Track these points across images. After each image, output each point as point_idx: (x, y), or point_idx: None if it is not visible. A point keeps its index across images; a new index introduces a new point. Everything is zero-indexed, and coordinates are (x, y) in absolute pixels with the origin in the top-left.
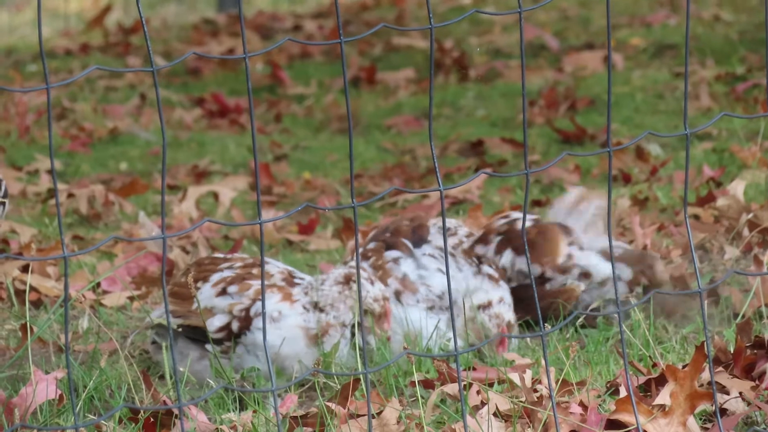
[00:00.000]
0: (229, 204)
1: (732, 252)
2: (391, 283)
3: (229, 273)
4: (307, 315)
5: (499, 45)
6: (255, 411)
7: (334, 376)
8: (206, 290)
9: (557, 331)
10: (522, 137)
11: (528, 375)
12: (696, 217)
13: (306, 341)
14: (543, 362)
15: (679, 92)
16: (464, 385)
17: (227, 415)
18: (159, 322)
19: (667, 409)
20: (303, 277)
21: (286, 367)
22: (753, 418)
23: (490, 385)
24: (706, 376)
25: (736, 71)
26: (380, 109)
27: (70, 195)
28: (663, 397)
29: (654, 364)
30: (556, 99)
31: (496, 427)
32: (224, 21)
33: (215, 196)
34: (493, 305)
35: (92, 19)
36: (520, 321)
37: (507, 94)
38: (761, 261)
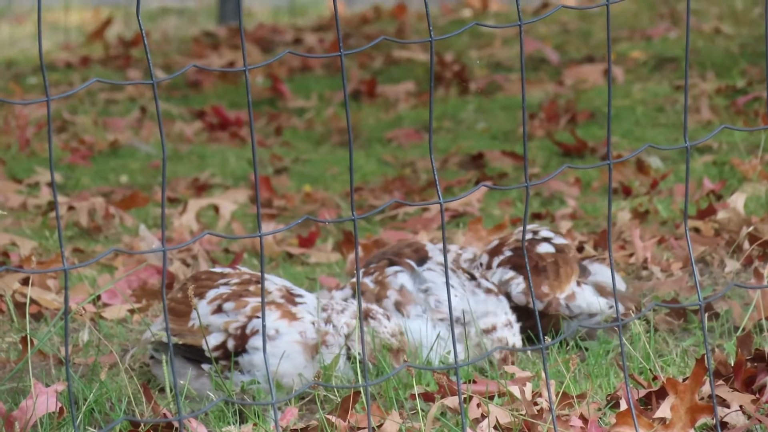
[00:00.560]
0: (230, 217)
1: (732, 265)
2: (390, 294)
3: (226, 289)
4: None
5: (499, 58)
6: (255, 424)
7: (335, 389)
8: (202, 307)
9: (557, 344)
10: (522, 150)
11: (528, 388)
12: (696, 230)
13: (304, 357)
14: (543, 375)
15: (679, 105)
16: (464, 398)
17: (227, 428)
18: (157, 338)
19: (667, 422)
20: (302, 293)
21: (284, 385)
22: None
23: (491, 398)
24: (706, 389)
25: (737, 84)
26: (381, 122)
27: (71, 208)
28: (663, 410)
29: (654, 377)
30: (556, 112)
31: None
32: (225, 34)
33: (216, 209)
34: (498, 329)
35: (93, 32)
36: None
37: (507, 107)
38: (761, 274)
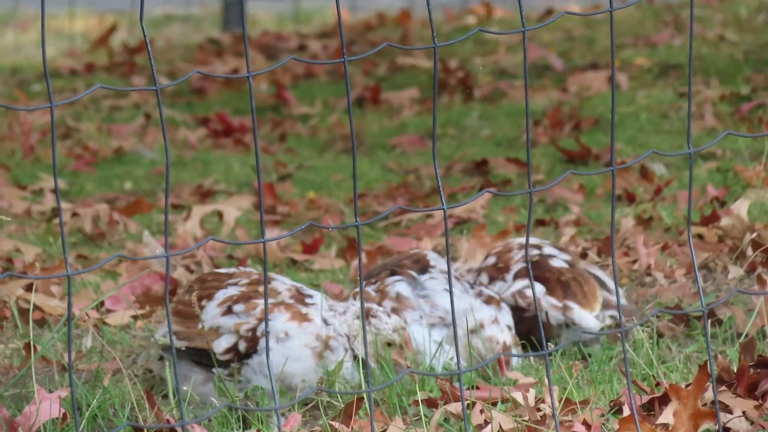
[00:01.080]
0: (234, 223)
1: (736, 271)
2: (386, 304)
3: (235, 290)
4: (320, 333)
5: (503, 65)
6: (259, 430)
7: (338, 395)
8: (211, 309)
9: (560, 350)
10: (526, 157)
11: (531, 394)
12: (700, 237)
13: (314, 360)
14: (546, 381)
15: (683, 112)
16: (467, 404)
17: None
18: (162, 343)
19: (670, 428)
20: (312, 294)
21: (294, 386)
22: None
23: (494, 404)
24: (709, 395)
25: (741, 91)
26: (384, 128)
27: (75, 214)
28: (666, 416)
29: (657, 383)
30: (560, 119)
31: None
32: (229, 41)
33: (220, 215)
34: (485, 327)
35: (97, 39)
36: (523, 341)
37: (511, 113)
38: (765, 280)
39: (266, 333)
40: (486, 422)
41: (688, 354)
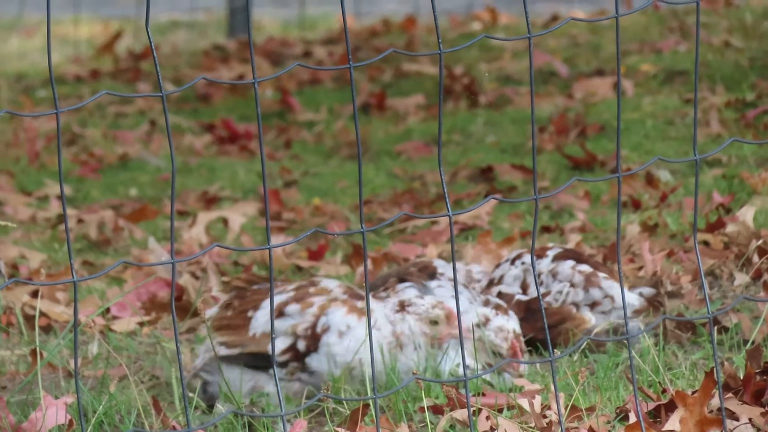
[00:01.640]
0: (239, 230)
1: (742, 278)
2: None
3: (283, 297)
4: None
5: (509, 71)
6: None
7: (344, 401)
8: (262, 316)
9: (566, 357)
10: (532, 163)
11: (537, 401)
12: (706, 244)
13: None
14: (552, 388)
15: (689, 118)
16: (474, 411)
17: None
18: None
19: None
20: (360, 292)
21: (357, 376)
22: None
23: (500, 410)
24: (715, 402)
25: (747, 98)
26: (390, 135)
27: (80, 220)
28: (672, 423)
29: (663, 390)
30: (566, 125)
31: None
32: (234, 47)
33: (225, 221)
34: (492, 319)
35: (102, 46)
36: (526, 338)
37: (517, 120)
38: None
39: (272, 339)
40: (492, 429)
41: (694, 361)
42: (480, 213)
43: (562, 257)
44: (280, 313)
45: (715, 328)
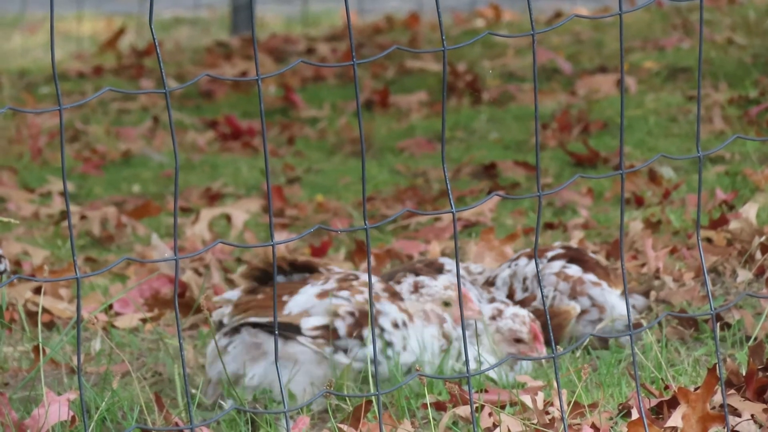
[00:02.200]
0: (242, 226)
1: (744, 275)
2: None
3: (328, 285)
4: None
5: (512, 68)
6: None
7: (346, 398)
8: (300, 299)
9: (569, 354)
10: (535, 160)
11: (540, 397)
12: (708, 240)
13: (439, 342)
14: (555, 384)
15: (692, 115)
16: (476, 408)
17: None
18: (236, 323)
19: (678, 431)
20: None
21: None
22: None
23: (502, 407)
24: (718, 398)
25: (750, 95)
26: (393, 131)
27: (83, 217)
28: (675, 419)
29: (666, 387)
30: (569, 122)
31: None
32: (237, 44)
33: (228, 218)
34: (506, 308)
35: (105, 42)
36: None
37: (520, 117)
38: None
39: (275, 338)
40: (495, 425)
41: (696, 357)
42: (483, 210)
43: (557, 259)
44: (325, 295)
45: (718, 324)
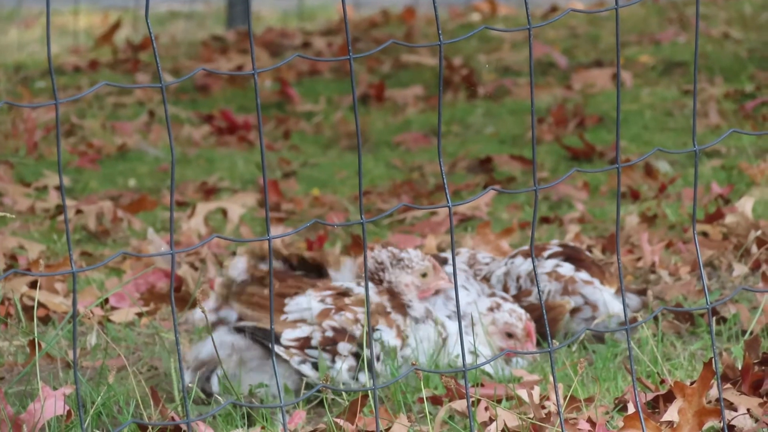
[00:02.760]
0: (238, 220)
1: (740, 269)
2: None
3: (323, 306)
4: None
5: (508, 62)
6: (263, 427)
7: (342, 393)
8: (299, 304)
9: (565, 348)
10: (531, 154)
11: (536, 391)
12: (704, 234)
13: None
14: (551, 378)
15: (687, 110)
16: (472, 402)
17: (235, 431)
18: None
19: (675, 425)
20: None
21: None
22: None
23: (499, 401)
24: (714, 392)
25: (745, 89)
26: (389, 126)
27: (79, 211)
28: (671, 413)
29: (662, 381)
30: (565, 116)
31: None
32: (233, 38)
33: (224, 212)
34: (505, 303)
35: (101, 36)
36: None
37: (516, 111)
38: None
39: (272, 337)
40: (491, 420)
41: (692, 351)
42: (479, 204)
43: (553, 257)
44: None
45: (714, 318)
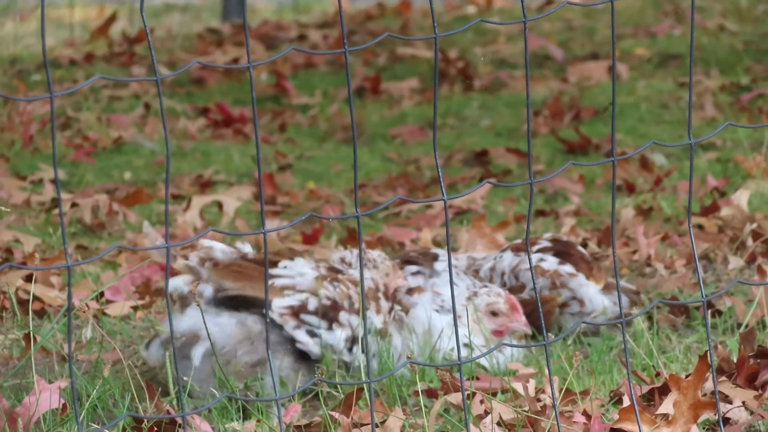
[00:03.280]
0: (234, 214)
1: (736, 262)
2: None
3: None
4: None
5: (503, 55)
6: (258, 420)
7: (338, 386)
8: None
9: (560, 341)
10: (527, 147)
11: (531, 384)
12: (700, 227)
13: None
14: (546, 371)
15: (683, 102)
16: (468, 395)
17: (231, 425)
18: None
19: (670, 418)
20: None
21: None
22: (756, 428)
23: (494, 394)
24: (709, 385)
25: (741, 81)
26: (385, 119)
27: (74, 204)
28: (666, 406)
29: (657, 374)
30: (560, 109)
31: None
32: (229, 30)
33: (219, 205)
34: (478, 290)
35: (97, 29)
36: None
37: (512, 104)
38: (765, 271)
39: (267, 327)
40: (486, 412)
41: (688, 344)
42: (475, 197)
43: (543, 251)
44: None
45: (709, 311)
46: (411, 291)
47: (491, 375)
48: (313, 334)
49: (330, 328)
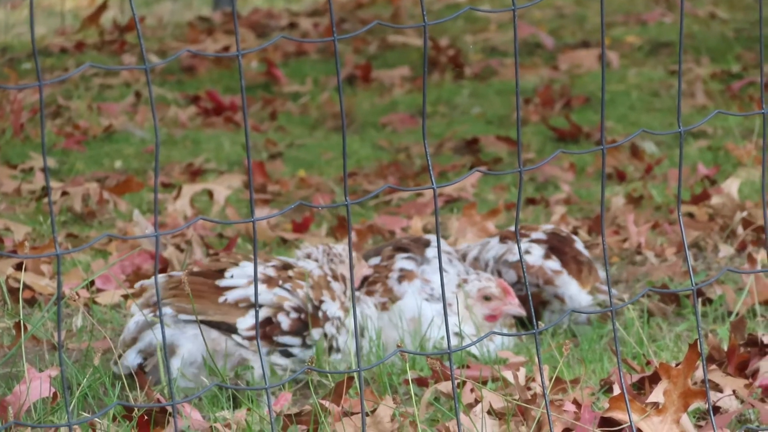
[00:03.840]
0: (224, 202)
1: (726, 250)
2: (392, 275)
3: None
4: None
5: (494, 43)
6: (249, 409)
7: (328, 374)
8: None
9: (551, 329)
10: (517, 135)
11: (522, 373)
12: (690, 215)
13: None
14: (536, 360)
15: (674, 90)
16: (458, 383)
17: (221, 413)
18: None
19: (660, 406)
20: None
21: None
22: (746, 416)
23: (484, 383)
24: (699, 374)
25: (732, 69)
26: (375, 107)
27: (65, 193)
28: (656, 395)
29: (648, 362)
30: (551, 97)
31: (490, 425)
32: (219, 19)
33: (210, 194)
34: (468, 276)
35: (87, 17)
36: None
37: (502, 92)
38: (755, 259)
39: (256, 314)
40: (476, 401)
41: (678, 333)
42: (465, 185)
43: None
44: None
45: (699, 299)
46: (401, 278)
47: (481, 363)
48: (288, 354)
49: (304, 344)
